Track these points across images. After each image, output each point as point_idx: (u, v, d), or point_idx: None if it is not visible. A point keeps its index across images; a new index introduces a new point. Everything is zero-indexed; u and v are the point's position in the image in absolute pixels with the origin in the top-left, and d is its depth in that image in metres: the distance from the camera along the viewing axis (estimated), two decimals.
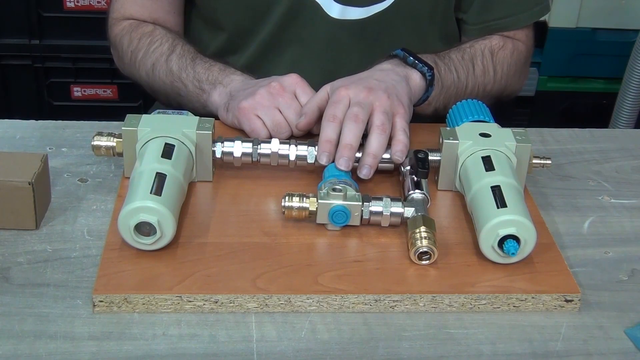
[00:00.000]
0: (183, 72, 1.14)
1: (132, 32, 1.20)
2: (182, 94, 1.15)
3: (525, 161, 0.96)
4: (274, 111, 1.03)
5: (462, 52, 1.19)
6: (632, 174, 1.09)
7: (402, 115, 0.99)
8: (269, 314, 0.81)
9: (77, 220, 0.92)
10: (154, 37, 1.18)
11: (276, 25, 1.19)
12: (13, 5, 2.07)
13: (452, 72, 1.15)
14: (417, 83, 1.08)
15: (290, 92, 1.05)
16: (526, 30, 1.26)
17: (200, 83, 1.13)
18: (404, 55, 1.09)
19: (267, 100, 1.04)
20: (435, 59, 1.14)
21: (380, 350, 0.77)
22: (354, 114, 0.96)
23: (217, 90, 1.11)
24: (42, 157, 0.91)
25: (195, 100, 1.14)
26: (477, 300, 0.82)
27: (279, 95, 1.04)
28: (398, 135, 0.98)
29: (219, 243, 0.87)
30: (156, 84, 1.18)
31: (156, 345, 0.77)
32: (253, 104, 1.04)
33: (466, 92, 1.16)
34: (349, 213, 0.88)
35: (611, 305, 0.85)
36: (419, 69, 1.08)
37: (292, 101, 1.04)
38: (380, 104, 0.98)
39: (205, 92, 1.12)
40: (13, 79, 2.18)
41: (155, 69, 1.17)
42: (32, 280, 0.83)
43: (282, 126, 1.03)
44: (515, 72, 1.24)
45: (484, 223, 0.85)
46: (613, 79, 2.26)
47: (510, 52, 1.22)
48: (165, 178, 0.86)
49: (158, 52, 1.17)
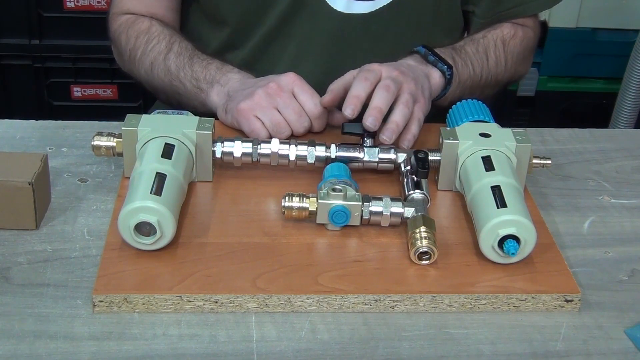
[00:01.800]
0: (181, 71, 1.14)
1: (129, 30, 1.20)
2: (181, 92, 1.15)
3: (525, 161, 0.96)
4: (273, 111, 1.04)
5: (477, 44, 1.21)
6: (632, 174, 1.09)
7: (421, 106, 1.03)
8: (269, 314, 0.81)
9: (77, 220, 0.92)
10: (151, 34, 1.18)
11: (279, 18, 1.19)
12: (13, 5, 2.07)
13: (468, 66, 1.17)
14: (437, 81, 1.11)
15: (288, 92, 1.04)
16: (533, 17, 1.28)
17: (198, 82, 1.13)
18: (425, 52, 1.12)
19: (265, 101, 1.04)
20: (453, 54, 1.16)
21: (380, 350, 0.77)
22: (385, 84, 0.99)
23: (214, 89, 1.11)
24: (42, 157, 0.91)
25: (194, 99, 1.14)
26: (477, 300, 0.82)
27: (276, 95, 1.04)
28: (412, 123, 1.01)
29: (219, 243, 0.87)
30: (155, 83, 1.19)
31: (156, 345, 0.77)
32: (251, 105, 1.04)
33: (480, 84, 1.19)
34: (349, 213, 0.88)
35: (611, 305, 0.85)
36: (439, 68, 1.12)
37: (291, 101, 1.04)
38: (408, 86, 1.02)
39: (204, 91, 1.12)
40: (13, 79, 2.17)
41: (153, 67, 1.17)
42: (32, 280, 0.83)
43: (282, 126, 1.03)
44: (524, 59, 1.28)
45: (484, 223, 0.85)
46: (613, 79, 2.26)
47: (520, 40, 1.25)
48: (165, 178, 0.86)
49: (156, 50, 1.17)
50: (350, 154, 0.98)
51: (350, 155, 0.98)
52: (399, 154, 0.98)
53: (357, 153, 0.98)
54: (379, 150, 0.98)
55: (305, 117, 1.04)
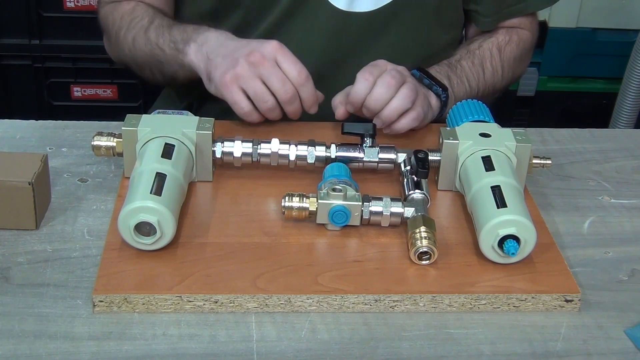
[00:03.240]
0: (160, 38, 1.14)
1: (114, 12, 1.21)
2: (162, 59, 1.14)
3: (525, 161, 0.96)
4: (256, 81, 1.02)
5: (472, 56, 1.21)
6: (632, 174, 1.09)
7: (414, 117, 1.05)
8: (269, 314, 0.81)
9: (77, 220, 0.92)
10: (135, 14, 1.19)
11: (280, 16, 1.18)
12: (13, 5, 2.07)
13: (464, 83, 1.18)
14: (433, 104, 1.12)
15: (271, 60, 1.02)
16: (531, 17, 1.28)
17: (176, 44, 1.12)
18: (420, 76, 1.12)
19: (249, 71, 1.02)
20: (449, 72, 1.17)
21: (380, 350, 0.77)
22: (387, 82, 1.02)
23: (192, 48, 1.10)
24: (42, 157, 0.91)
25: (174, 62, 1.13)
26: (477, 300, 0.82)
27: (260, 64, 1.02)
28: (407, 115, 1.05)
29: (219, 243, 0.87)
30: (138, 57, 1.18)
31: (156, 345, 0.77)
32: (234, 75, 1.02)
33: (477, 96, 1.19)
34: (349, 213, 0.88)
35: (611, 305, 0.85)
36: (435, 91, 1.12)
37: (274, 69, 1.02)
38: (410, 86, 1.05)
39: (181, 52, 1.11)
40: (13, 79, 2.17)
41: (135, 42, 1.17)
42: (32, 280, 0.83)
43: (265, 95, 1.02)
44: (521, 62, 1.28)
45: (484, 223, 0.85)
46: (613, 79, 2.26)
47: (516, 45, 1.25)
48: (165, 178, 0.86)
49: (138, 26, 1.17)
50: (350, 154, 0.98)
51: (350, 155, 0.98)
52: (399, 154, 0.98)
53: (357, 153, 0.98)
54: (379, 150, 0.98)
55: (289, 84, 1.02)
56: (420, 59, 1.18)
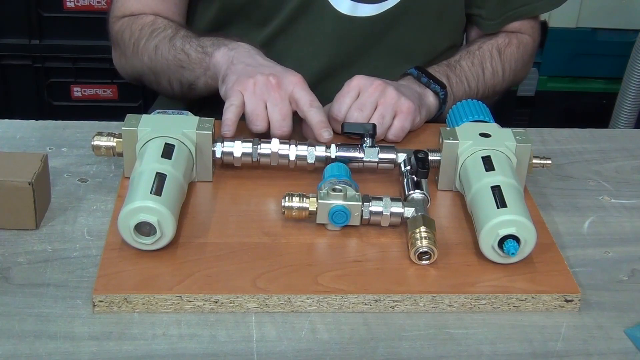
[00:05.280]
0: (187, 44, 1.13)
1: (133, 25, 1.20)
2: (185, 65, 1.13)
3: (525, 161, 0.96)
4: (260, 103, 1.01)
5: (472, 57, 1.21)
6: (632, 174, 1.09)
7: (403, 119, 1.05)
8: (269, 314, 0.81)
9: (77, 220, 0.92)
10: (156, 25, 1.18)
11: (283, 20, 1.18)
12: (13, 5, 2.07)
13: (463, 82, 1.18)
14: (431, 102, 1.12)
15: (285, 91, 1.01)
16: (532, 22, 1.28)
17: (204, 48, 1.11)
18: (417, 74, 1.12)
19: (259, 89, 1.01)
20: (447, 71, 1.16)
21: (380, 350, 0.77)
22: (361, 103, 1.04)
23: (221, 50, 1.09)
24: (42, 157, 0.91)
25: (198, 66, 1.12)
26: (477, 300, 0.82)
27: (272, 90, 1.01)
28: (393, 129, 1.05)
29: (219, 243, 0.87)
30: (159, 65, 1.17)
31: (156, 345, 0.77)
32: (245, 86, 1.01)
33: (477, 97, 1.19)
34: (349, 213, 0.88)
35: (611, 305, 0.85)
36: (432, 89, 1.12)
37: (282, 101, 1.01)
38: (388, 99, 1.05)
39: (209, 54, 1.10)
40: (13, 79, 2.17)
41: (157, 49, 1.16)
42: (32, 280, 0.83)
43: (260, 120, 1.00)
44: (523, 66, 1.28)
45: (484, 223, 0.85)
46: (613, 79, 2.26)
47: (516, 47, 1.25)
48: (165, 178, 0.86)
49: (162, 35, 1.16)
50: (350, 154, 0.98)
51: (350, 155, 0.98)
52: (399, 154, 0.98)
53: (357, 153, 0.98)
54: (379, 150, 0.98)
55: (288, 122, 1.01)
56: (422, 64, 1.18)
